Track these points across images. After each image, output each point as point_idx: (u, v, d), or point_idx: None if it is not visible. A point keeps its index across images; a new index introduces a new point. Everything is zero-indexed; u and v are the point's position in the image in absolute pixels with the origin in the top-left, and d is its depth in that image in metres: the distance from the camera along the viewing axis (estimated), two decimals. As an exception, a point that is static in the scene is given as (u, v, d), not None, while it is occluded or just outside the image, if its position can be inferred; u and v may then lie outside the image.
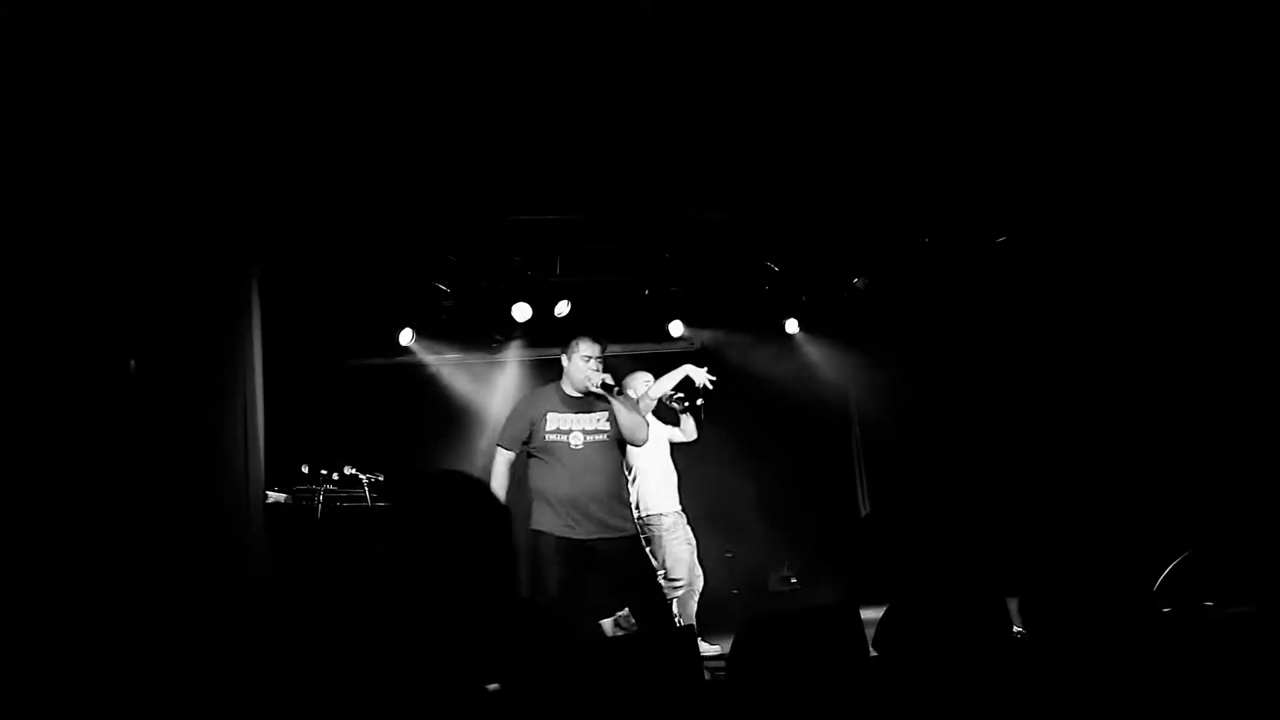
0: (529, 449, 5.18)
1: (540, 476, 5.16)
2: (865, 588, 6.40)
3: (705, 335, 7.97)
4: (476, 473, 5.26)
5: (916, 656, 4.95)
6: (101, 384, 4.21)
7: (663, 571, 5.92)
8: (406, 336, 7.36)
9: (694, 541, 6.15)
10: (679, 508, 6.12)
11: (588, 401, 5.23)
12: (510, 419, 5.28)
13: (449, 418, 7.74)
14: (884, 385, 7.70)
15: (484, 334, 7.69)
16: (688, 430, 6.16)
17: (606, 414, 5.21)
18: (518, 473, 5.23)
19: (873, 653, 5.41)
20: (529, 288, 7.16)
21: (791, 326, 7.99)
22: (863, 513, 8.21)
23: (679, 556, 5.98)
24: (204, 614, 4.14)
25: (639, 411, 5.31)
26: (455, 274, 7.00)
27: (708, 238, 7.10)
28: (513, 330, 7.48)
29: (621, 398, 5.26)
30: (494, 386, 7.82)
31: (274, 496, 5.70)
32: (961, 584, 5.80)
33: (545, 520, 5.08)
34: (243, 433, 4.82)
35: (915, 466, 7.70)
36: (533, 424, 5.18)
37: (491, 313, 7.30)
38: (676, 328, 7.71)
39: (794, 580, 7.73)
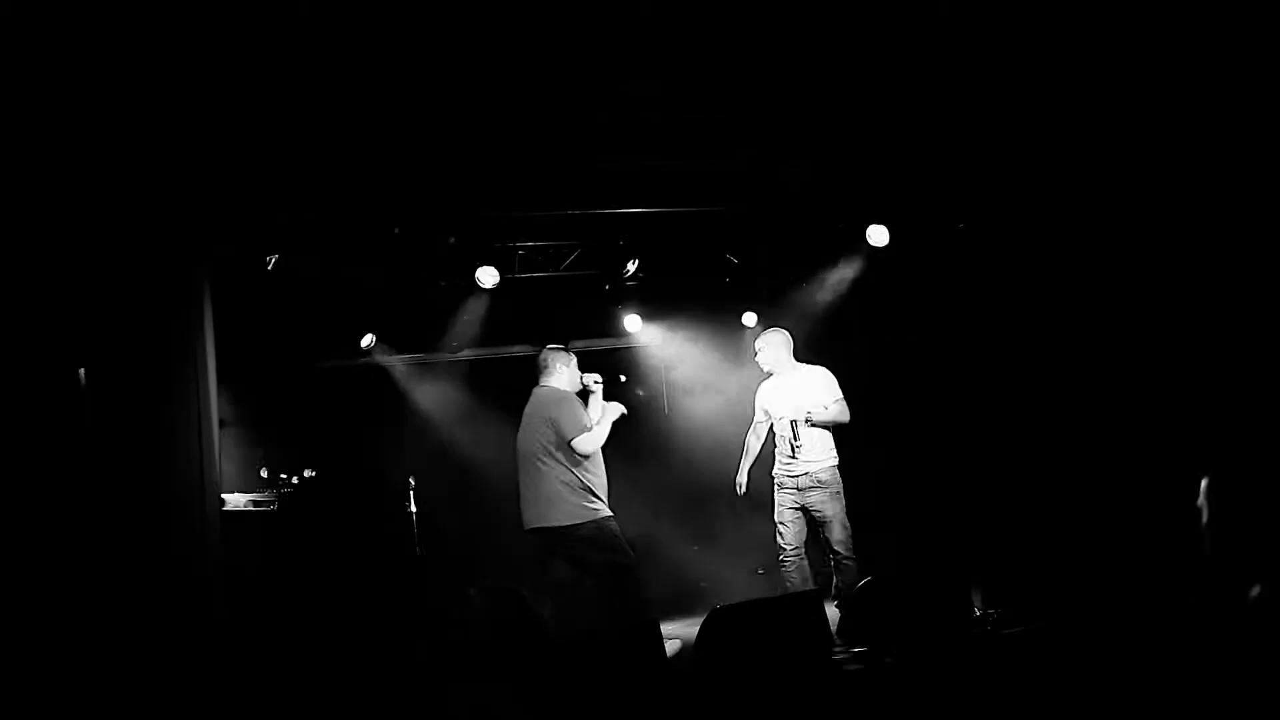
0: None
1: (593, 468, 5.71)
2: (831, 577, 6.43)
3: (662, 330, 7.98)
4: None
5: (878, 640, 5.01)
6: (50, 392, 4.14)
7: None
8: (367, 341, 7.31)
9: (814, 508, 6.17)
10: (787, 473, 6.24)
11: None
12: (579, 414, 5.75)
13: (408, 420, 7.68)
14: (845, 375, 7.71)
15: (442, 336, 7.63)
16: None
17: None
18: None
19: (837, 641, 5.48)
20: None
21: (749, 320, 8.00)
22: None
23: (778, 520, 6.27)
24: (159, 623, 4.08)
25: None
26: (415, 273, 6.93)
27: (667, 231, 7.09)
28: (468, 332, 7.45)
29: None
30: (450, 388, 7.77)
31: (231, 502, 5.64)
32: (924, 570, 5.86)
33: (605, 507, 5.71)
34: (197, 438, 4.74)
35: (878, 455, 7.74)
36: None
37: (450, 310, 7.25)
38: (633, 323, 7.70)
39: (760, 570, 7.74)
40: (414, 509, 7.08)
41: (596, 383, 5.95)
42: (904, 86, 5.44)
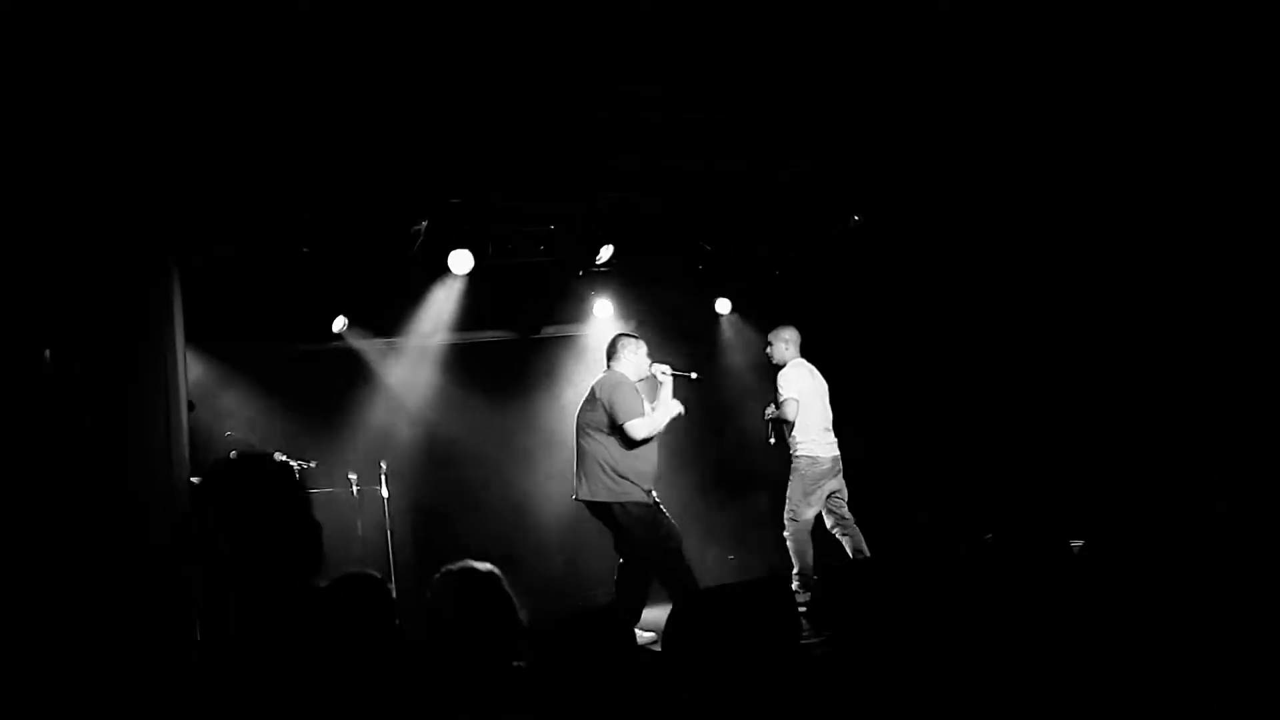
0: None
1: (636, 453, 5.87)
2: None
3: (636, 317, 7.98)
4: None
5: (847, 625, 5.04)
6: (16, 374, 4.10)
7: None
8: (339, 324, 7.25)
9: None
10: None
11: (647, 391, 6.15)
12: (634, 400, 5.92)
13: (379, 404, 7.65)
14: (818, 363, 7.77)
15: (419, 317, 7.59)
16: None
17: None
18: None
19: (805, 625, 5.51)
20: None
21: (723, 306, 8.02)
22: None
23: None
24: (128, 603, 4.06)
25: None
26: (387, 257, 6.89)
27: (640, 219, 7.09)
28: (445, 313, 7.42)
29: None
30: (423, 372, 7.75)
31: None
32: (891, 556, 5.91)
33: (638, 492, 5.85)
34: (165, 421, 4.71)
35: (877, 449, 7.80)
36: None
37: (422, 294, 7.23)
38: (604, 308, 7.69)
39: (730, 557, 7.79)
40: (385, 493, 7.07)
41: (665, 374, 6.12)
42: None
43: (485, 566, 2.69)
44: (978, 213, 6.68)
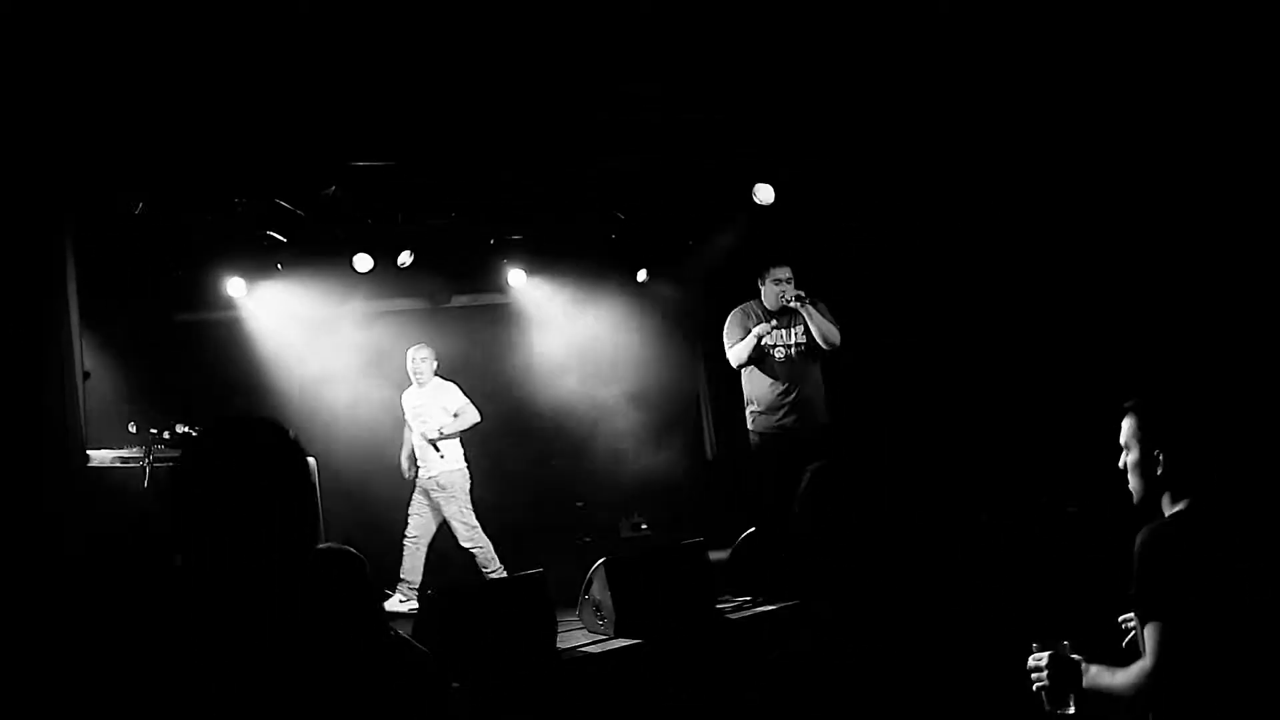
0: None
1: (751, 383, 6.08)
2: (714, 531, 6.53)
3: (549, 285, 7.92)
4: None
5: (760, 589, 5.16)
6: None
7: None
8: (237, 287, 7.01)
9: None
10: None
11: (786, 318, 6.05)
12: (731, 329, 6.08)
13: (286, 372, 7.45)
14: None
15: (324, 286, 7.40)
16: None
17: (802, 327, 6.02)
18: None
19: (723, 591, 5.59)
20: (369, 237, 6.93)
21: (641, 275, 8.02)
22: (709, 457, 8.36)
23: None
24: (22, 583, 3.90)
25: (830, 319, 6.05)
26: (292, 224, 6.69)
27: (556, 186, 7.01)
28: (353, 282, 7.24)
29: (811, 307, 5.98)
30: (334, 339, 7.56)
31: (98, 458, 5.39)
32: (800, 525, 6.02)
33: (758, 422, 6.05)
34: (60, 394, 4.51)
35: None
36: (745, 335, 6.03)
37: (331, 264, 7.05)
38: (516, 278, 7.62)
39: (644, 526, 7.84)
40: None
41: (797, 303, 6.00)
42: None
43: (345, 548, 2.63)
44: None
